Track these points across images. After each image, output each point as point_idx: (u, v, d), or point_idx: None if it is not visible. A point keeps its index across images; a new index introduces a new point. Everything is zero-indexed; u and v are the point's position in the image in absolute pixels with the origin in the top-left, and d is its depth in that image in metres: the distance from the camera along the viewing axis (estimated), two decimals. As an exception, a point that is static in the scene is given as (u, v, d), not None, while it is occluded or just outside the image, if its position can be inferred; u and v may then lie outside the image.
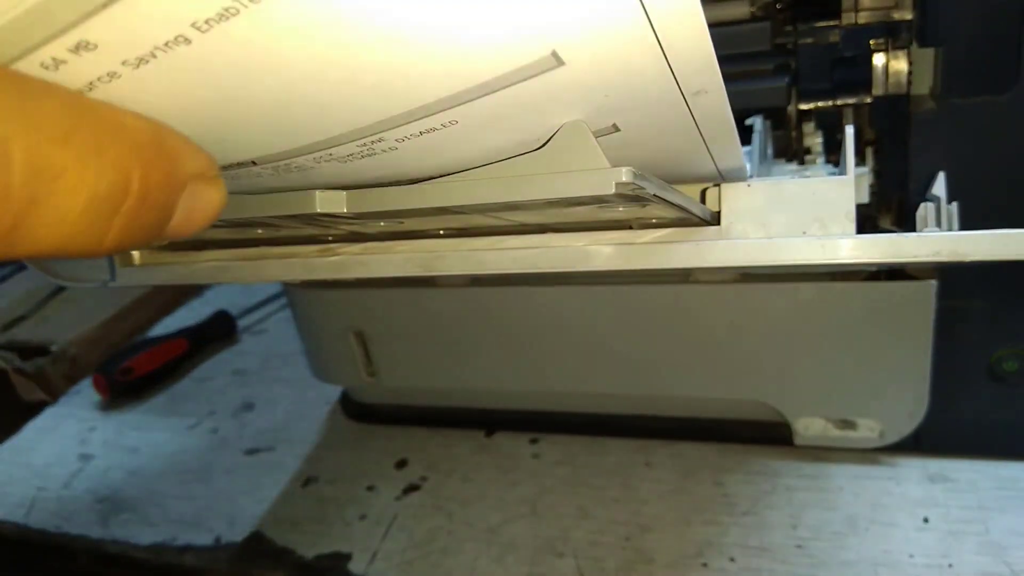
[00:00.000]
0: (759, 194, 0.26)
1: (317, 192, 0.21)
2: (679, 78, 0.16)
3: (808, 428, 0.44)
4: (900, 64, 0.38)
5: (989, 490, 0.42)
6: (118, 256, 0.33)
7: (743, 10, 0.42)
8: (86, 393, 0.67)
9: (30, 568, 0.51)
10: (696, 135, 0.20)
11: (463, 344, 0.48)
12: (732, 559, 0.40)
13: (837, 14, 0.38)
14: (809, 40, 0.39)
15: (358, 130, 0.17)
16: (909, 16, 0.37)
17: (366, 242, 0.28)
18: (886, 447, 0.43)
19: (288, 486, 0.51)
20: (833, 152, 0.40)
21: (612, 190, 0.17)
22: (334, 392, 0.60)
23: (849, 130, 0.26)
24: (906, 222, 0.38)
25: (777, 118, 0.40)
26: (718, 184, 0.27)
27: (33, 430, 0.63)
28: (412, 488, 0.49)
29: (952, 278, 0.39)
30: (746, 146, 0.33)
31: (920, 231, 0.28)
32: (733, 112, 0.19)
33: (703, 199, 0.27)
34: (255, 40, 0.13)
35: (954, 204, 0.29)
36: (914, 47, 0.37)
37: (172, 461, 0.56)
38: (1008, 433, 0.43)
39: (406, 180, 0.21)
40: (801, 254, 0.24)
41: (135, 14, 0.12)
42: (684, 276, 0.42)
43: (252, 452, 0.55)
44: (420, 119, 0.17)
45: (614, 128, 0.19)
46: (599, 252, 0.26)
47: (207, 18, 0.12)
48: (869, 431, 0.43)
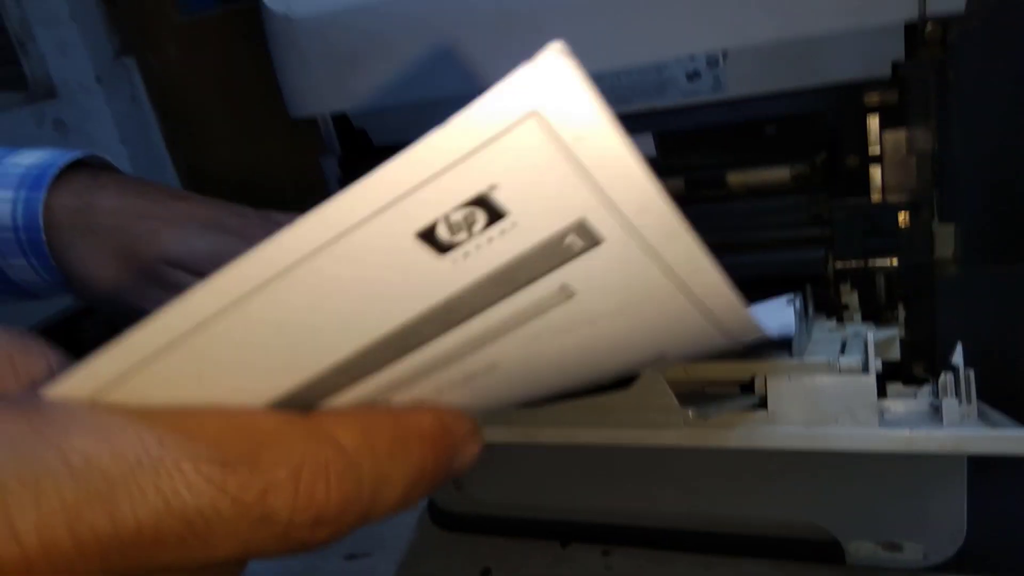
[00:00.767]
0: (798, 386, 0.32)
1: None
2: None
3: (858, 549, 0.49)
4: (924, 234, 0.43)
5: (1029, 610, 0.45)
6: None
7: (784, 174, 0.49)
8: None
9: None
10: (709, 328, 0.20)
11: (546, 465, 0.54)
12: (792, 675, 0.44)
13: (867, 191, 0.44)
14: (842, 215, 0.45)
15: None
16: (930, 195, 0.43)
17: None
18: (931, 567, 0.47)
19: (386, 592, 0.57)
20: (868, 307, 0.46)
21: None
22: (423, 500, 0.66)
23: (870, 336, 0.32)
24: (934, 373, 0.43)
25: (816, 278, 0.46)
26: (764, 375, 0.33)
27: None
28: (498, 597, 0.54)
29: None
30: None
31: (939, 403, 0.33)
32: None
33: (752, 385, 0.33)
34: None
35: (971, 371, 0.34)
36: (936, 221, 0.43)
37: None
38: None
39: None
40: (830, 444, 0.30)
41: None
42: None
43: (351, 557, 0.62)
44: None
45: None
46: (672, 433, 0.32)
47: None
48: (914, 553, 0.47)
